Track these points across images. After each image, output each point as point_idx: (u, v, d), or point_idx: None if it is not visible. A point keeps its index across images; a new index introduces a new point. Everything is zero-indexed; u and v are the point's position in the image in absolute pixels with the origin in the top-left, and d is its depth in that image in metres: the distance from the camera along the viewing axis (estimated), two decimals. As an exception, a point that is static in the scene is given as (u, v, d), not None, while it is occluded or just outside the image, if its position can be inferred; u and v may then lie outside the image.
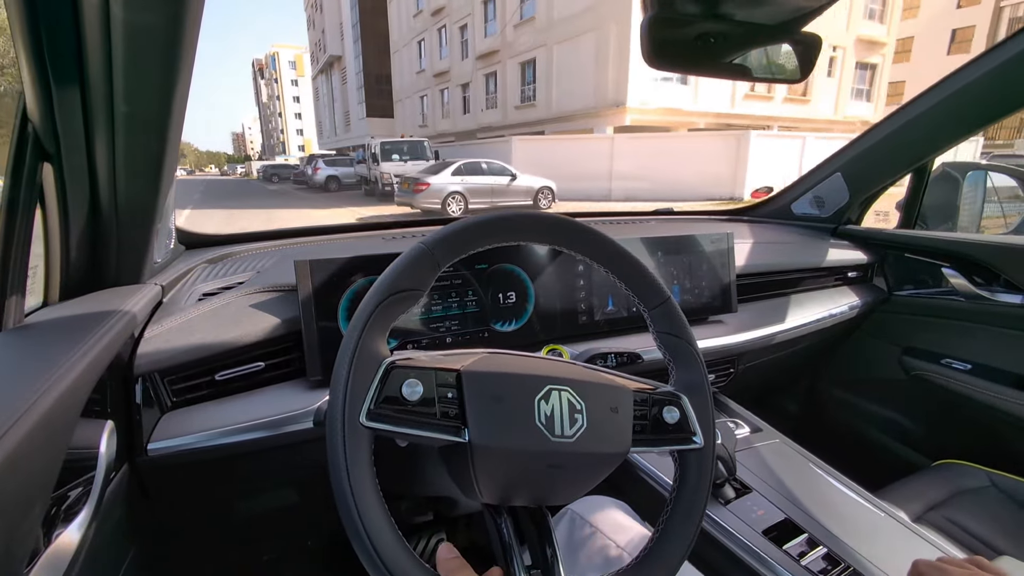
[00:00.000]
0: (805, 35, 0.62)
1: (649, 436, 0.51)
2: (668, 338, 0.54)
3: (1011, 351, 1.14)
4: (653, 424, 0.51)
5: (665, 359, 0.55)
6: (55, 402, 0.42)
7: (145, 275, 0.76)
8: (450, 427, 0.43)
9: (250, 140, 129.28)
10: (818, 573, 0.69)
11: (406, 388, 0.42)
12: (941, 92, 1.12)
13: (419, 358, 0.45)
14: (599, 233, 0.53)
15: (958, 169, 1.47)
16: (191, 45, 0.48)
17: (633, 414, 0.50)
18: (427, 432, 0.42)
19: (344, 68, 36.25)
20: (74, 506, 0.50)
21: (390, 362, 0.43)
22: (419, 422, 0.42)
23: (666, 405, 0.52)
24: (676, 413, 0.52)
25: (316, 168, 19.02)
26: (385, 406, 0.41)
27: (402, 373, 0.43)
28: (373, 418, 0.41)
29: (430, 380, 0.43)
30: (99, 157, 0.56)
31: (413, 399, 0.42)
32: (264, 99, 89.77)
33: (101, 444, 0.54)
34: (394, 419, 0.41)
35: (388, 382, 0.42)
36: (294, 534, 1.02)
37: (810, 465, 0.92)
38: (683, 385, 0.54)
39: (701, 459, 0.52)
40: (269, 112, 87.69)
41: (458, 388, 0.44)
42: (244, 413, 0.70)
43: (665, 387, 0.54)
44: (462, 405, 0.44)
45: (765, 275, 1.22)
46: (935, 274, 1.27)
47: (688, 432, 0.52)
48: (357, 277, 0.77)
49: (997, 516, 0.88)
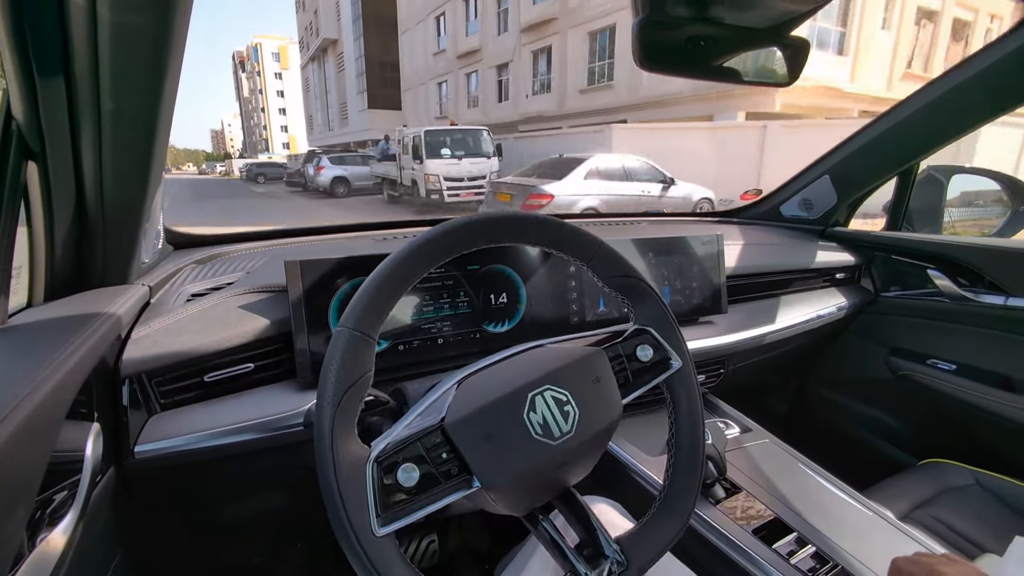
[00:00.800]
0: (794, 39, 0.63)
1: (633, 383, 0.52)
2: (615, 280, 0.55)
3: (995, 351, 1.16)
4: (633, 371, 0.53)
5: (621, 301, 0.56)
6: (39, 404, 0.41)
7: (132, 275, 0.75)
8: (458, 484, 0.43)
9: (230, 137, 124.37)
10: (807, 572, 0.69)
11: (402, 475, 0.41)
12: (926, 97, 1.13)
13: (397, 434, 0.43)
14: (513, 214, 0.53)
15: (943, 172, 1.49)
16: (180, 40, 0.48)
17: (613, 369, 0.51)
18: (439, 502, 0.42)
19: (340, 53, 32.52)
20: (59, 510, 0.49)
21: (375, 458, 0.41)
22: (428, 499, 0.41)
23: (638, 345, 0.53)
24: (649, 349, 0.53)
25: (319, 168, 15.25)
26: (389, 503, 0.40)
27: (390, 461, 0.41)
28: (385, 522, 0.40)
29: (419, 451, 0.42)
30: (85, 156, 0.55)
31: (412, 484, 0.41)
32: (245, 93, 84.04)
33: (87, 447, 0.53)
34: (403, 511, 0.40)
35: (381, 478, 0.41)
36: (284, 536, 1.01)
37: (799, 465, 0.93)
38: (645, 318, 0.55)
39: (685, 378, 0.54)
40: (251, 107, 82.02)
41: (448, 443, 0.43)
42: (233, 415, 0.69)
43: (629, 327, 0.55)
44: (460, 458, 0.43)
45: (754, 276, 1.23)
46: (921, 276, 1.29)
47: (665, 359, 0.54)
48: (348, 278, 0.76)
49: (981, 514, 0.89)
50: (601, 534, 0.49)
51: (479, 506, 0.51)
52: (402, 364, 0.80)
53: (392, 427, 0.45)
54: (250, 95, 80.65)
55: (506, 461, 0.44)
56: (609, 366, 0.51)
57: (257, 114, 78.98)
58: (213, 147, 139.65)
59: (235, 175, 36.17)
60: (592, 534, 0.49)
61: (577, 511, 0.51)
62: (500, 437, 0.44)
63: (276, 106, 72.40)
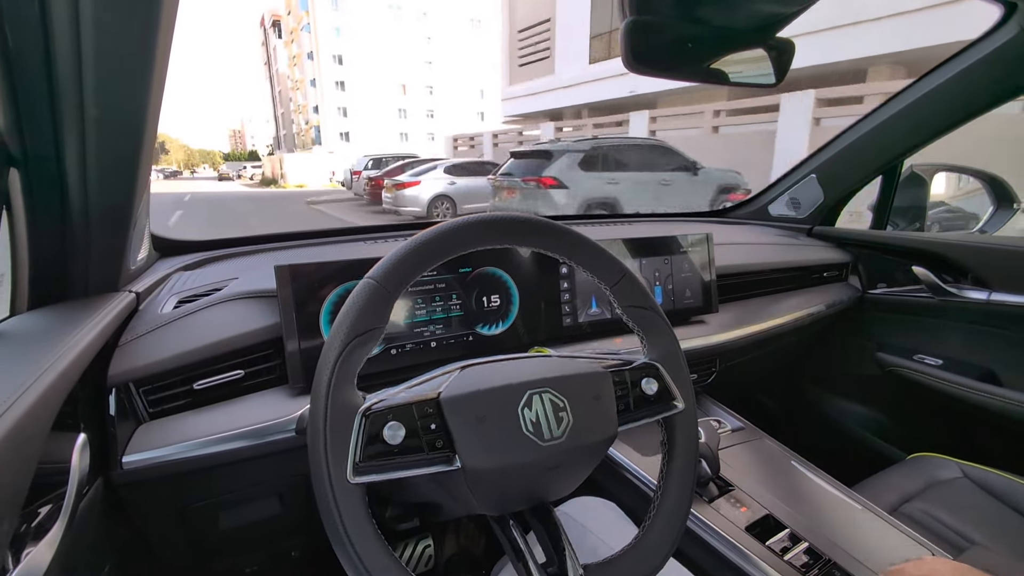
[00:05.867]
0: (779, 40, 0.64)
1: (633, 412, 0.52)
2: (634, 311, 0.55)
3: (979, 346, 1.18)
4: (635, 400, 0.52)
5: (635, 331, 0.56)
6: (24, 415, 0.40)
7: (119, 283, 0.74)
8: (440, 458, 0.43)
9: (251, 135, 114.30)
10: (800, 568, 0.70)
11: (387, 431, 0.41)
12: (909, 96, 1.16)
13: (394, 395, 0.44)
14: (553, 224, 0.53)
15: (926, 171, 1.52)
16: (165, 43, 0.47)
17: (615, 393, 0.51)
18: (418, 469, 0.42)
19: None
20: (45, 523, 0.48)
21: (365, 409, 0.42)
22: (408, 462, 0.42)
23: (644, 377, 0.53)
24: (654, 384, 0.53)
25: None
26: (370, 455, 0.41)
27: (380, 417, 0.42)
28: (360, 472, 0.40)
29: (410, 416, 0.43)
30: (69, 162, 0.54)
31: (396, 442, 0.41)
32: (282, 68, 55.65)
33: (73, 458, 0.52)
34: (382, 466, 0.41)
35: (368, 430, 0.41)
36: (277, 545, 1.00)
37: (791, 461, 0.94)
38: (656, 354, 0.55)
39: (685, 420, 0.54)
40: (290, 85, 53.63)
41: (440, 416, 0.44)
42: (224, 423, 0.68)
43: (639, 359, 0.55)
44: (447, 433, 0.43)
45: (744, 275, 1.24)
46: (906, 272, 1.31)
47: (669, 398, 0.54)
48: (339, 282, 0.76)
49: (969, 506, 0.91)
50: (570, 556, 0.48)
51: (456, 498, 0.50)
52: (394, 368, 0.80)
53: (390, 388, 0.46)
54: (291, 67, 52.12)
55: (491, 449, 0.44)
56: (612, 389, 0.51)
57: (298, 93, 50.51)
58: (232, 147, 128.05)
59: (334, 184, 22.09)
60: (560, 554, 0.49)
61: (550, 528, 0.51)
62: (490, 423, 0.44)
63: (332, 78, 41.04)
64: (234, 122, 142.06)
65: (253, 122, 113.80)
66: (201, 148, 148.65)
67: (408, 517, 1.09)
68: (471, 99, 47.15)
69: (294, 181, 25.41)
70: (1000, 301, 1.13)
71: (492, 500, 0.48)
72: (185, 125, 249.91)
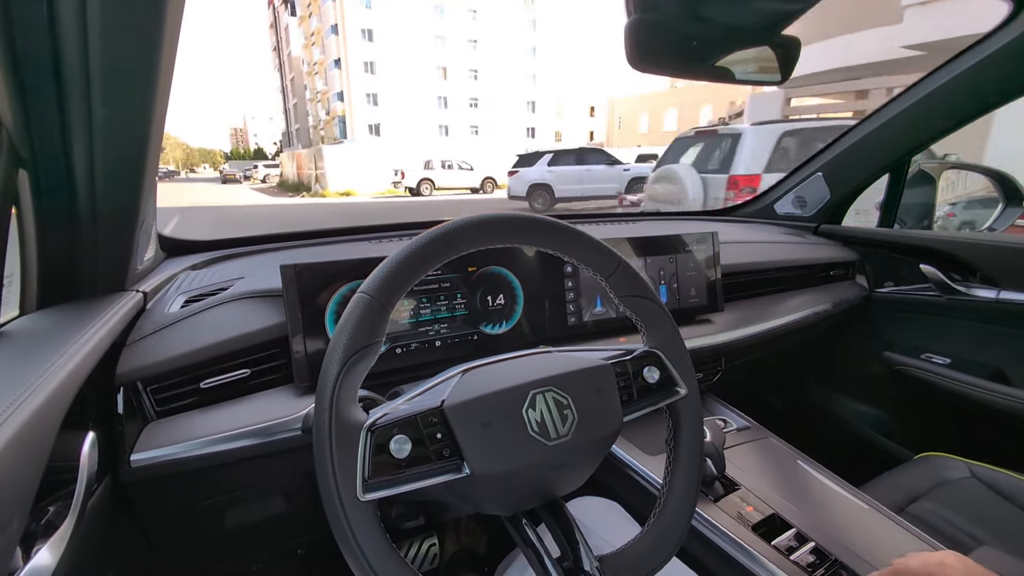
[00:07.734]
0: (785, 38, 0.63)
1: (636, 401, 0.52)
2: (631, 300, 0.55)
3: (988, 344, 1.17)
4: (638, 389, 0.52)
5: (634, 321, 0.56)
6: (33, 414, 0.40)
7: (126, 282, 0.74)
8: (448, 467, 0.43)
9: (253, 134, 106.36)
10: (807, 567, 0.69)
11: (394, 445, 0.41)
12: (916, 94, 1.14)
13: (396, 408, 0.44)
14: (545, 220, 0.53)
15: (934, 168, 1.51)
16: (172, 43, 0.47)
17: (617, 385, 0.51)
18: (427, 480, 0.42)
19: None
20: (54, 521, 0.49)
21: (370, 425, 0.42)
22: (416, 474, 0.42)
23: (645, 366, 0.53)
24: (656, 372, 0.53)
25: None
26: (378, 470, 0.41)
27: (386, 431, 0.42)
28: (370, 489, 0.40)
29: (416, 428, 0.43)
30: (77, 162, 0.55)
31: (403, 455, 0.41)
32: (295, 50, 45.87)
33: (82, 456, 0.53)
34: (391, 481, 0.41)
35: (374, 446, 0.41)
36: (283, 543, 1.00)
37: (797, 461, 0.93)
38: (656, 341, 0.55)
39: (689, 407, 0.54)
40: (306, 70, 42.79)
41: (445, 425, 0.43)
42: (230, 421, 0.69)
43: (640, 348, 0.55)
44: (454, 441, 0.43)
45: (750, 274, 1.24)
46: (914, 271, 1.30)
47: (671, 385, 0.54)
48: (345, 281, 0.76)
49: (976, 506, 0.90)
50: (584, 549, 0.48)
51: (468, 501, 0.50)
52: (400, 367, 0.80)
53: (392, 401, 0.46)
54: (306, 50, 42.02)
55: (499, 454, 0.44)
56: (614, 380, 0.51)
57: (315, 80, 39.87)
58: (233, 145, 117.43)
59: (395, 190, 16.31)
60: (575, 547, 0.49)
61: (563, 523, 0.51)
62: (496, 427, 0.44)
63: (360, 58, 33.15)
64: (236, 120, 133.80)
65: (256, 119, 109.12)
66: (201, 147, 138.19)
67: (413, 515, 1.10)
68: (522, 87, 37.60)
69: (337, 187, 17.59)
70: (1009, 299, 1.12)
71: (502, 501, 0.48)
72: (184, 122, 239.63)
